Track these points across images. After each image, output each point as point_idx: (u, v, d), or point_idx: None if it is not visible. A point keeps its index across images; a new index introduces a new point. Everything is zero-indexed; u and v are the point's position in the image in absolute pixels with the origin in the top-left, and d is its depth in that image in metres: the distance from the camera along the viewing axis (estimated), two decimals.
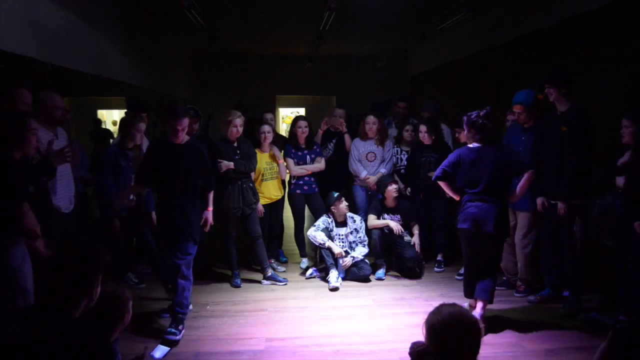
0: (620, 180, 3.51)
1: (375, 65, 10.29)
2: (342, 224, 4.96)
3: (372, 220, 5.00)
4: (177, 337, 3.46)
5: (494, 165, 3.56)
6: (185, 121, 3.53)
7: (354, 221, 4.96)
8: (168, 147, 3.59)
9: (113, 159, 4.05)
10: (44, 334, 1.55)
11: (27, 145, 2.84)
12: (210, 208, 3.94)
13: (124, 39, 6.64)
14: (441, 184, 3.78)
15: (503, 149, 3.69)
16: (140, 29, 7.28)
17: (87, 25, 5.36)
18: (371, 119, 5.27)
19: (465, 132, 3.80)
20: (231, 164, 4.41)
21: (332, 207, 4.88)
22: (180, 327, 3.53)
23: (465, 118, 3.70)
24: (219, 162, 4.40)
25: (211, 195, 3.94)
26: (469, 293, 3.77)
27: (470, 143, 3.71)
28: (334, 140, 5.52)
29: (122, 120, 4.26)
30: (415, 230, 5.01)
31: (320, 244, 4.80)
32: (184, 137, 3.59)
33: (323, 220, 4.95)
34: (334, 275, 4.66)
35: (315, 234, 4.82)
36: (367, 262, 4.88)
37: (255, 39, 8.70)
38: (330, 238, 4.88)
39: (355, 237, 4.94)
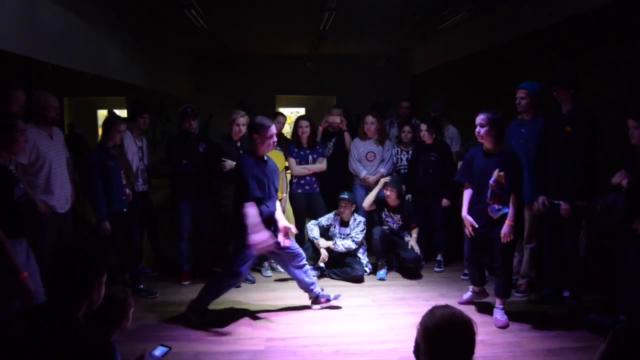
0: (616, 179, 3.50)
1: (375, 65, 10.29)
2: (347, 223, 5.02)
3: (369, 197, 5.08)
4: None
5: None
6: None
7: (355, 219, 5.00)
8: None
9: (98, 160, 4.00)
10: (45, 334, 1.55)
11: (16, 145, 2.82)
12: None
13: (124, 39, 6.64)
14: None
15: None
16: (140, 29, 7.28)
17: (87, 25, 5.35)
18: (370, 118, 5.28)
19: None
20: (234, 164, 4.41)
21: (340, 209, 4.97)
22: None
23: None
24: (223, 161, 4.40)
25: None
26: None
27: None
28: (333, 140, 5.53)
29: (104, 121, 4.26)
30: (414, 234, 5.02)
31: (312, 237, 4.95)
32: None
33: (328, 217, 5.06)
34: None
35: (313, 227, 5.01)
36: (361, 263, 4.91)
37: (255, 39, 8.70)
38: (331, 236, 4.97)
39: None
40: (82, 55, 5.26)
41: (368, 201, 5.05)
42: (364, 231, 4.98)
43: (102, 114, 13.72)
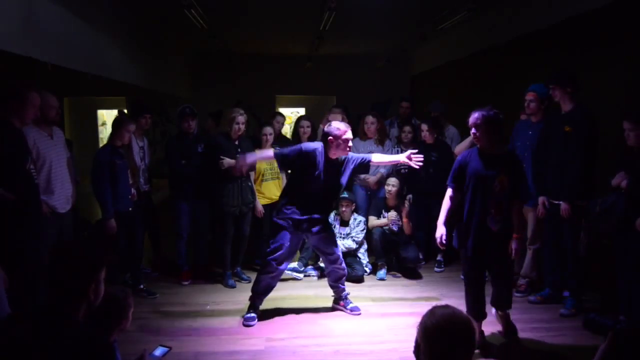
0: (616, 181, 3.50)
1: (375, 65, 10.29)
2: (347, 223, 5.02)
3: (373, 220, 5.02)
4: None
5: None
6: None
7: (355, 219, 5.00)
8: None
9: (108, 159, 4.04)
10: (45, 334, 1.55)
11: (26, 114, 3.08)
12: None
13: (124, 39, 6.64)
14: None
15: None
16: (140, 29, 7.28)
17: (87, 25, 5.35)
18: (369, 118, 5.28)
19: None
20: (233, 162, 4.42)
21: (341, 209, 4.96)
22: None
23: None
24: (221, 159, 4.41)
25: None
26: None
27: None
28: None
29: (114, 120, 4.27)
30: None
31: None
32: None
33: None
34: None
35: None
36: (361, 263, 4.92)
37: (255, 39, 8.70)
38: None
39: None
40: (82, 55, 5.26)
41: (372, 224, 5.06)
42: (364, 231, 4.98)
43: (102, 114, 13.72)
